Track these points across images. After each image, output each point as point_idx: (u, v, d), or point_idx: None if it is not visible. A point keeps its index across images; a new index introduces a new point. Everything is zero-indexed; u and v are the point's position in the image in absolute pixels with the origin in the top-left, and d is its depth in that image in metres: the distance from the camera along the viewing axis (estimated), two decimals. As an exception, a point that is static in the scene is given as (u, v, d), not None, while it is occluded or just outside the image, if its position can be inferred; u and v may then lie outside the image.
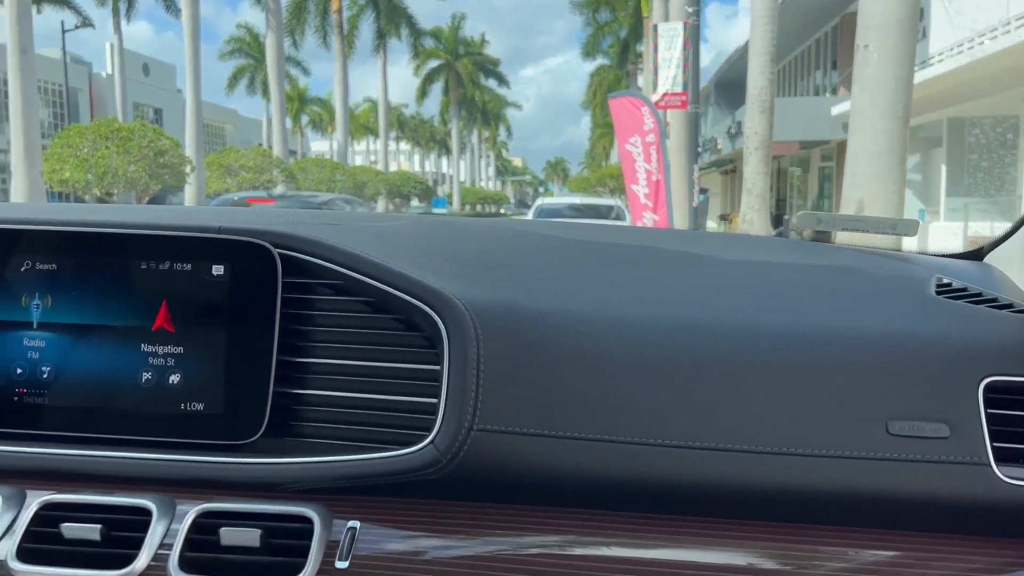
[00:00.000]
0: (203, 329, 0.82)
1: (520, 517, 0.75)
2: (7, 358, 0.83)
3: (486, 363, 0.73)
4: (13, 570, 0.72)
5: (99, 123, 17.62)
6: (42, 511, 0.75)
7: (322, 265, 0.82)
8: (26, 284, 0.84)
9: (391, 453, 0.74)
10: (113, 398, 0.82)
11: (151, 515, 0.74)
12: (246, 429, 0.80)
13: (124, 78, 29.33)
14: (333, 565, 0.72)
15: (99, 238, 0.84)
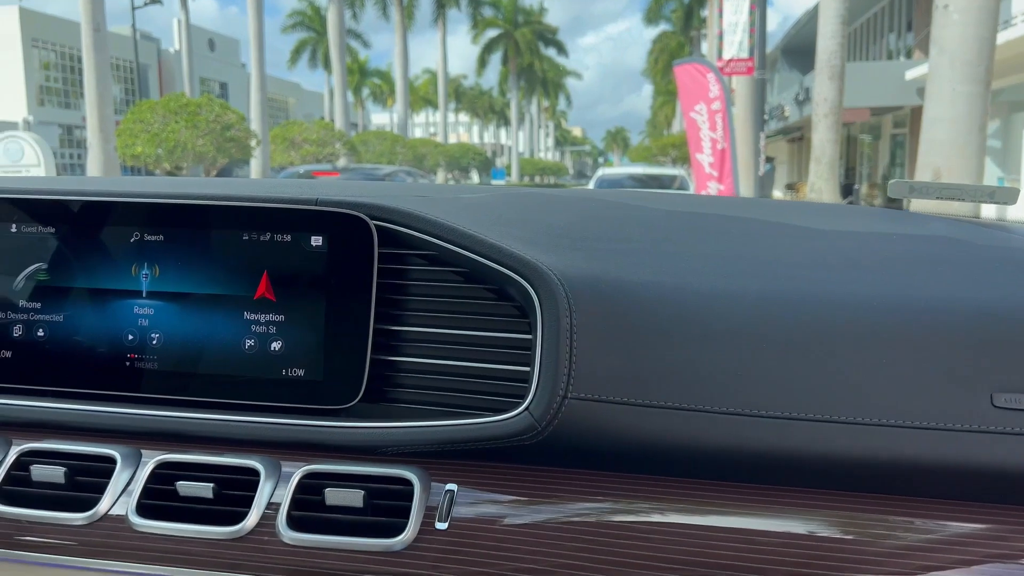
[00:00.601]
0: (302, 298, 0.85)
1: (613, 483, 0.76)
2: (119, 325, 0.87)
3: (578, 333, 0.74)
4: (133, 524, 0.77)
5: (168, 98, 18.08)
6: (158, 469, 0.80)
7: (416, 236, 0.84)
8: (136, 255, 0.87)
9: (487, 419, 0.75)
10: (218, 364, 0.85)
11: (259, 475, 0.78)
12: (344, 394, 0.83)
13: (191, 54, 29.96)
14: (433, 526, 0.74)
15: (204, 210, 0.87)
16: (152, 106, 17.39)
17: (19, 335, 0.89)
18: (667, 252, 0.92)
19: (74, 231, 0.89)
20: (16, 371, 0.89)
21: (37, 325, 0.89)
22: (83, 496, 0.79)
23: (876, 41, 25.20)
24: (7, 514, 0.79)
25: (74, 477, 0.80)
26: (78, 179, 1.03)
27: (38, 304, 0.89)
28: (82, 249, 0.89)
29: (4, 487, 0.80)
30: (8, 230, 0.90)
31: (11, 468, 0.81)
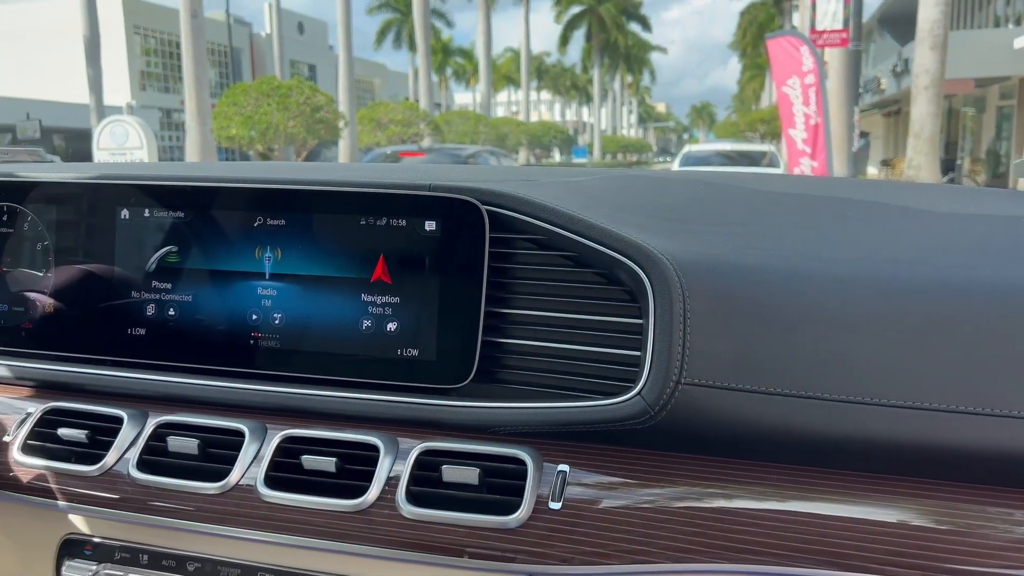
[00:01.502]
0: (416, 280, 0.87)
1: (724, 468, 0.76)
2: (243, 305, 0.92)
3: (692, 318, 0.74)
4: (262, 494, 0.81)
5: (260, 81, 18.59)
6: (284, 443, 0.84)
7: (526, 220, 0.85)
8: (259, 238, 0.92)
9: (601, 402, 0.76)
10: (336, 343, 0.89)
11: (378, 451, 0.81)
12: (457, 374, 0.85)
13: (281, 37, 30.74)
14: (546, 505, 0.76)
15: (323, 196, 0.90)
16: (245, 89, 17.92)
17: (152, 314, 0.95)
18: (779, 235, 0.91)
19: (202, 216, 0.94)
20: (149, 348, 0.94)
21: (168, 305, 0.94)
22: (215, 467, 0.84)
23: (982, 8, 23.80)
24: (146, 482, 0.84)
25: (206, 449, 0.85)
26: (205, 166, 1.08)
27: (169, 285, 0.94)
28: (209, 233, 0.93)
29: (143, 456, 0.86)
30: (141, 215, 0.96)
31: (149, 439, 0.87)
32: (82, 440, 0.88)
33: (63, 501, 0.86)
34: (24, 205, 1.00)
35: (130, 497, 0.85)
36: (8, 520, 0.91)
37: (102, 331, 0.96)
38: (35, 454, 0.89)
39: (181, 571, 0.84)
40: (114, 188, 0.97)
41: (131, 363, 0.95)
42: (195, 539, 0.84)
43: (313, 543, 0.79)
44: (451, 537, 0.76)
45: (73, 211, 0.99)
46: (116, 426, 0.88)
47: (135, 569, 0.85)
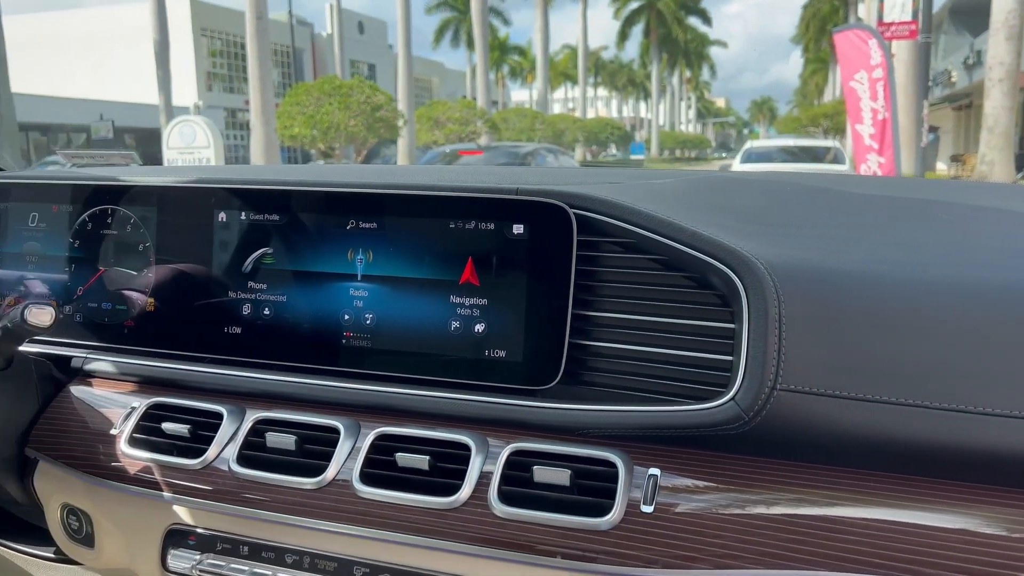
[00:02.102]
0: (504, 283, 0.89)
1: (818, 475, 0.75)
2: (336, 306, 0.95)
3: (787, 323, 0.74)
4: (357, 490, 0.83)
5: (322, 81, 18.92)
6: (377, 441, 0.86)
7: (615, 224, 0.86)
8: (351, 241, 0.94)
9: (693, 407, 0.76)
10: (425, 343, 0.91)
11: (470, 450, 0.83)
12: (544, 376, 0.86)
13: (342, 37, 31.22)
14: (638, 509, 0.76)
15: (413, 200, 0.92)
16: (308, 89, 18.27)
17: (248, 313, 0.98)
18: (868, 238, 0.90)
19: (296, 219, 0.97)
20: (245, 346, 0.98)
21: (263, 304, 0.97)
22: (311, 463, 0.87)
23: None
24: (246, 476, 0.87)
25: (303, 445, 0.88)
26: (300, 170, 1.11)
27: (264, 285, 0.98)
28: (303, 235, 0.96)
29: (243, 451, 0.89)
30: (238, 217, 0.99)
31: (248, 434, 0.90)
32: (184, 434, 0.92)
33: (168, 493, 0.90)
34: (127, 208, 1.05)
35: (231, 490, 0.88)
36: (116, 509, 0.95)
37: (200, 329, 1.00)
38: (141, 447, 0.93)
39: (279, 563, 0.87)
40: (212, 192, 1.01)
41: (228, 360, 0.98)
42: (292, 532, 0.86)
43: (407, 539, 0.81)
44: (543, 537, 0.77)
45: (173, 214, 1.03)
46: (216, 421, 0.92)
47: (236, 560, 0.89)
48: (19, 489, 1.02)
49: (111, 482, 0.93)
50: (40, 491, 1.01)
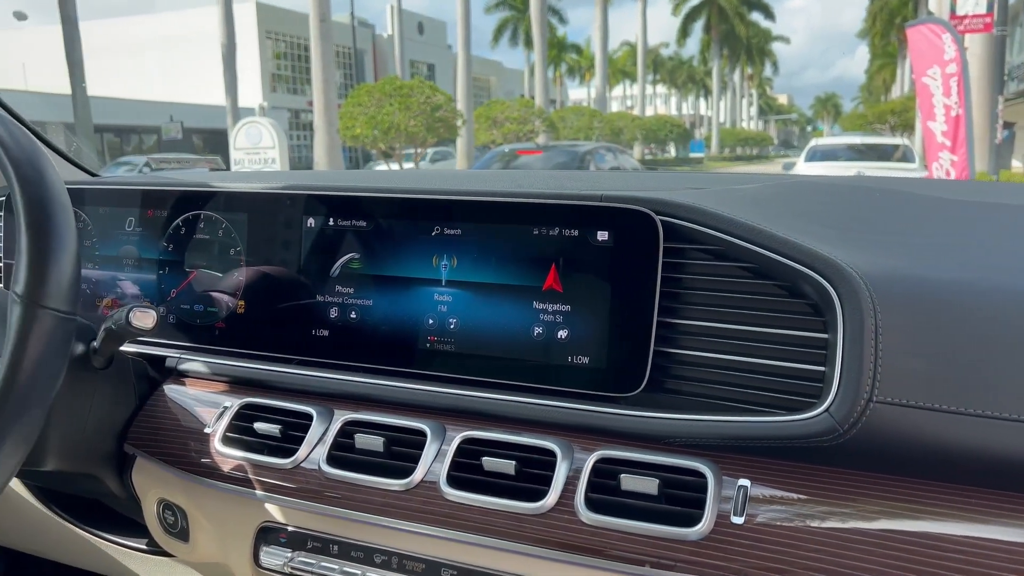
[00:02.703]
0: (588, 289, 0.89)
1: (916, 490, 0.73)
2: (421, 310, 0.96)
3: (883, 333, 0.72)
4: (445, 493, 0.85)
5: (383, 82, 19.15)
6: (463, 444, 0.87)
7: (702, 231, 0.85)
8: (436, 247, 0.96)
9: (786, 418, 0.75)
10: (508, 348, 0.92)
11: (555, 456, 0.83)
12: (628, 383, 0.86)
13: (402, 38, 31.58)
14: (728, 520, 0.75)
15: (497, 206, 0.93)
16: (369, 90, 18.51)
17: (335, 317, 1.00)
18: (966, 245, 0.87)
19: (383, 225, 0.99)
20: (332, 348, 1.00)
21: (350, 308, 1.00)
22: (399, 464, 0.89)
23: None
24: (336, 476, 0.90)
25: (391, 447, 0.90)
26: (386, 176, 1.13)
27: (351, 289, 1.00)
28: (389, 241, 0.98)
29: (332, 452, 0.91)
30: (326, 223, 1.02)
31: (337, 435, 0.92)
32: (276, 434, 0.94)
33: (260, 491, 0.93)
34: (219, 213, 1.08)
35: (321, 490, 0.90)
36: (211, 505, 0.98)
37: (288, 332, 1.03)
38: (234, 446, 0.96)
39: (368, 562, 0.89)
40: (301, 198, 1.03)
41: (315, 362, 1.01)
42: (380, 532, 0.88)
43: (494, 543, 0.82)
44: (632, 546, 0.77)
45: (263, 219, 1.06)
46: (306, 422, 0.94)
47: (326, 558, 0.91)
48: (118, 484, 1.06)
49: (206, 479, 0.97)
50: (138, 486, 1.05)
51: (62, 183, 0.81)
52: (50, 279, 0.76)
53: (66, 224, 0.78)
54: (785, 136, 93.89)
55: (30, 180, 0.78)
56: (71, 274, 0.78)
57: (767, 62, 59.58)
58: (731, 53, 52.78)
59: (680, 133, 41.66)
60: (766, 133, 74.11)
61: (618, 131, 31.18)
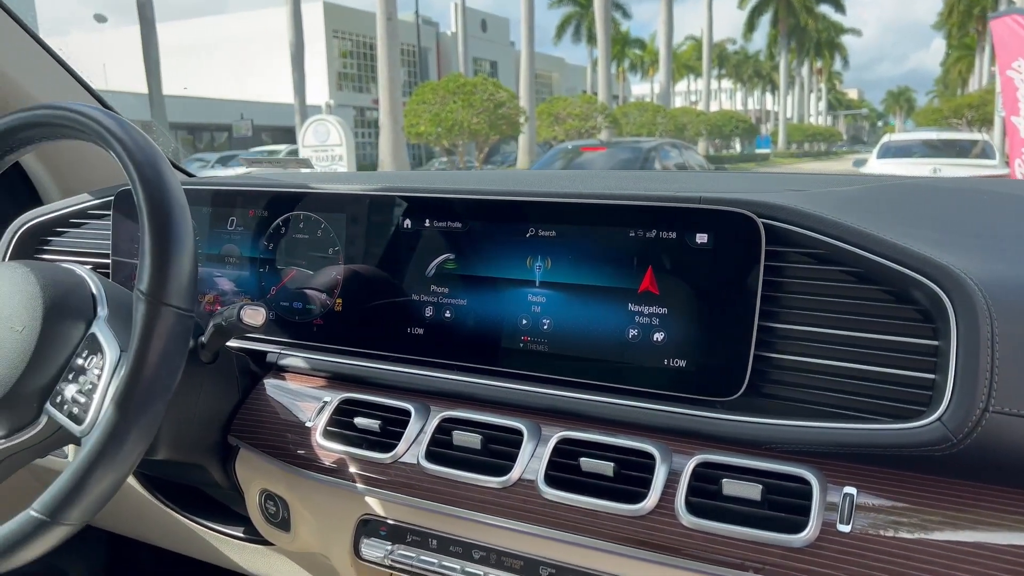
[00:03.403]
0: (686, 292, 0.88)
1: None
2: (514, 311, 0.97)
3: (999, 342, 0.70)
4: (542, 492, 0.86)
5: (447, 79, 19.33)
6: (560, 444, 0.88)
7: (805, 234, 0.84)
8: (530, 248, 0.97)
9: (896, 426, 0.74)
10: (603, 350, 0.92)
11: (654, 459, 0.83)
12: (726, 387, 0.86)
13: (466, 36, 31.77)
14: (834, 527, 0.75)
15: (593, 208, 0.94)
16: (433, 87, 18.71)
17: (430, 316, 1.02)
18: None
19: (478, 226, 1.00)
20: (427, 347, 1.02)
21: (445, 307, 1.01)
22: (496, 462, 0.90)
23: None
24: (435, 472, 0.91)
25: (488, 444, 0.91)
26: (482, 177, 1.15)
27: (446, 289, 1.02)
28: (484, 242, 1.00)
29: (430, 448, 0.93)
30: (422, 224, 1.04)
31: (435, 432, 0.94)
32: (375, 429, 0.97)
33: (360, 484, 0.96)
34: (318, 213, 1.11)
35: (420, 485, 0.92)
36: (312, 497, 1.02)
37: (384, 330, 1.05)
38: (334, 439, 0.99)
39: (467, 558, 0.91)
40: (398, 200, 1.06)
41: (410, 360, 1.03)
42: (479, 529, 0.90)
43: (593, 543, 0.83)
44: (733, 551, 0.77)
45: (361, 219, 1.08)
46: (404, 418, 0.97)
47: (425, 552, 0.93)
48: (222, 474, 1.10)
49: (307, 471, 1.00)
50: (241, 476, 1.09)
51: (179, 185, 0.84)
52: (171, 278, 0.79)
53: (185, 225, 0.82)
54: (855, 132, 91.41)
55: (151, 182, 0.82)
56: (190, 273, 0.81)
57: (837, 56, 58.06)
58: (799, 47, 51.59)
59: (745, 129, 40.94)
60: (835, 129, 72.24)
61: (682, 127, 30.82)
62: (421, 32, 34.56)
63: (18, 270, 0.89)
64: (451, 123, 17.77)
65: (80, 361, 0.84)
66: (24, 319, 0.85)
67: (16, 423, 0.84)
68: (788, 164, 37.61)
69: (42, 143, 0.96)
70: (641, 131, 26.80)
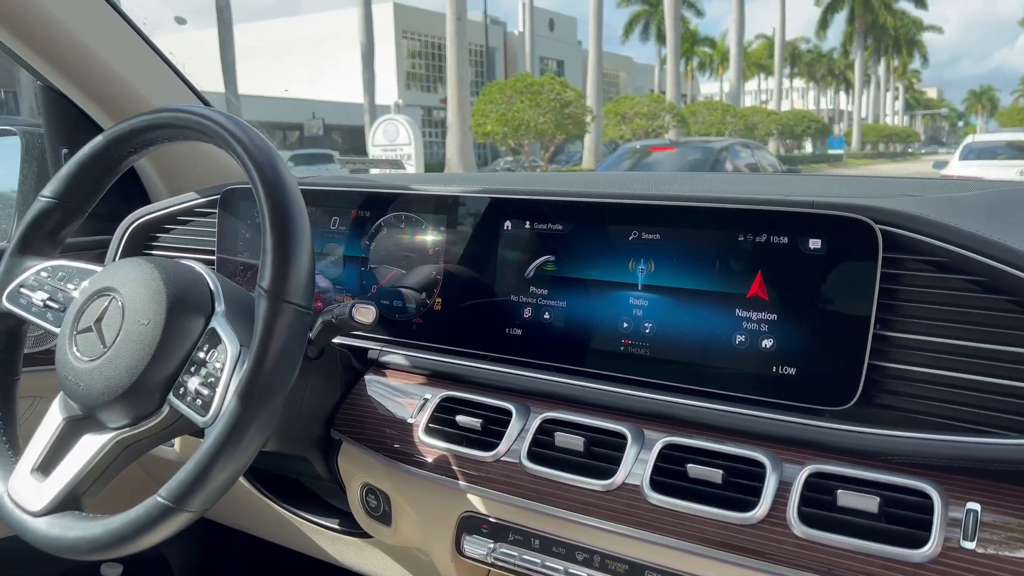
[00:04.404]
0: (796, 298, 0.87)
1: None
2: (615, 313, 0.97)
3: None
4: (648, 496, 0.85)
5: (515, 79, 19.37)
6: (665, 449, 0.88)
7: (925, 241, 0.82)
8: (633, 251, 0.96)
9: (1021, 441, 0.72)
10: (707, 355, 0.91)
11: (764, 467, 0.82)
12: (838, 396, 0.84)
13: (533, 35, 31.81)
14: (957, 544, 0.72)
15: (698, 212, 0.93)
16: (501, 87, 18.78)
17: (528, 316, 1.03)
18: None
19: (579, 229, 1.00)
20: (526, 347, 1.03)
21: (544, 309, 1.02)
22: (599, 465, 0.90)
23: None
24: (537, 472, 0.92)
25: (590, 447, 0.91)
26: (582, 179, 1.15)
27: (545, 291, 1.02)
28: (585, 245, 1.00)
29: (532, 448, 0.94)
30: (522, 226, 1.04)
31: (536, 432, 0.95)
32: (476, 428, 0.98)
33: (462, 481, 0.97)
34: (419, 214, 1.13)
35: (522, 484, 0.93)
36: (414, 492, 1.03)
37: (483, 329, 1.06)
38: (436, 436, 1.00)
39: (570, 559, 0.91)
40: (498, 201, 1.06)
41: (509, 360, 1.03)
42: (582, 530, 0.90)
43: (701, 550, 0.82)
44: (850, 563, 0.75)
45: (461, 220, 1.10)
46: (505, 417, 0.97)
47: (528, 551, 0.94)
48: (324, 467, 1.13)
49: (409, 467, 1.01)
50: (343, 470, 1.11)
51: (297, 185, 0.87)
52: (291, 276, 0.82)
53: (303, 224, 0.84)
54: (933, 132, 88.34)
55: (271, 182, 0.85)
56: (308, 271, 0.84)
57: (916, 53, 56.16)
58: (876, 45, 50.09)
59: (818, 129, 39.96)
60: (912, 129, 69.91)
61: (752, 126, 30.26)
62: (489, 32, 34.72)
63: (144, 266, 0.93)
64: (518, 123, 17.80)
65: (201, 354, 0.87)
66: (150, 313, 0.88)
67: (140, 412, 0.88)
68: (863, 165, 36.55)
69: (164, 144, 1.00)
70: (710, 131, 26.41)
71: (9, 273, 1.03)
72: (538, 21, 38.27)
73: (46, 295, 1.00)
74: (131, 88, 1.41)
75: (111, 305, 0.91)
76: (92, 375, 0.88)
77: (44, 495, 0.88)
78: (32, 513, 0.87)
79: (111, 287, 0.92)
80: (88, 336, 0.91)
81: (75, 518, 0.86)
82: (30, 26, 1.29)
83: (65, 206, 1.03)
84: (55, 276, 1.02)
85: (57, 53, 1.34)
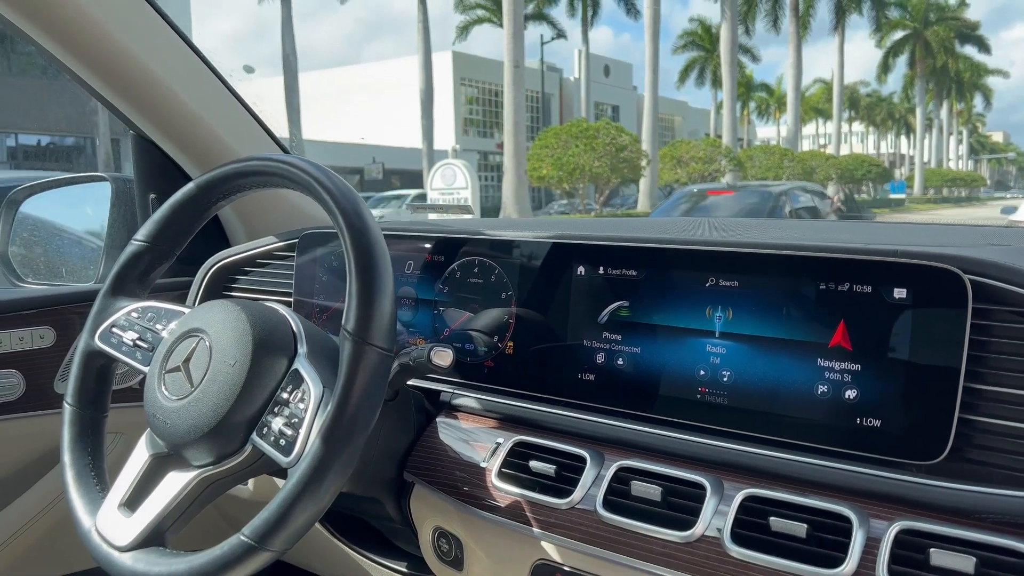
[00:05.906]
0: (881, 348, 0.85)
1: None
2: (691, 361, 0.96)
3: None
4: (728, 550, 0.83)
5: (570, 124, 19.59)
6: (746, 502, 0.86)
7: (1017, 292, 0.80)
8: (711, 298, 0.96)
9: None
10: (787, 405, 0.89)
11: (851, 523, 0.80)
12: (926, 450, 0.81)
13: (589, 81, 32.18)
14: None
15: (778, 259, 0.92)
16: (556, 132, 19.00)
17: (601, 362, 1.03)
18: None
19: (654, 275, 1.00)
20: (598, 393, 1.02)
21: (618, 355, 1.02)
22: (677, 516, 0.88)
23: None
24: (613, 521, 0.91)
25: (667, 497, 0.90)
26: (657, 225, 1.16)
27: (619, 337, 1.02)
28: (660, 291, 0.99)
29: (607, 497, 0.93)
30: (596, 271, 1.05)
31: (611, 480, 0.94)
32: (551, 474, 0.97)
33: (536, 528, 0.96)
34: (492, 258, 1.15)
35: (597, 533, 0.92)
36: (487, 537, 1.03)
37: (556, 374, 1.06)
38: (509, 482, 1.00)
39: None
40: (572, 247, 1.07)
41: (582, 405, 1.03)
42: None
43: None
44: None
45: (534, 265, 1.11)
46: (579, 464, 0.97)
47: None
48: (395, 509, 1.13)
49: (482, 512, 1.01)
50: (415, 513, 1.12)
51: (381, 232, 0.89)
52: (375, 319, 0.83)
53: (387, 270, 0.86)
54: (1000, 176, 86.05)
55: (357, 229, 0.87)
56: (391, 315, 0.85)
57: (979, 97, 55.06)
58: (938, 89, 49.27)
59: (878, 173, 39.29)
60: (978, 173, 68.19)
61: (810, 170, 29.88)
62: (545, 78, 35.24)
63: (231, 308, 0.95)
64: (572, 166, 17.94)
65: (284, 395, 0.89)
66: (236, 354, 0.91)
67: (224, 451, 0.90)
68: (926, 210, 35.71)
69: (252, 191, 1.03)
70: (767, 175, 26.18)
71: (102, 313, 1.07)
72: (593, 67, 38.72)
73: (136, 335, 1.04)
74: (218, 137, 1.47)
75: (199, 346, 0.94)
76: (179, 413, 0.91)
77: (130, 531, 0.90)
78: (119, 548, 0.89)
79: (199, 328, 0.95)
80: (176, 376, 0.94)
81: (159, 554, 0.88)
82: (130, 80, 1.36)
83: (156, 249, 1.07)
84: (144, 316, 1.05)
85: (151, 104, 1.41)
